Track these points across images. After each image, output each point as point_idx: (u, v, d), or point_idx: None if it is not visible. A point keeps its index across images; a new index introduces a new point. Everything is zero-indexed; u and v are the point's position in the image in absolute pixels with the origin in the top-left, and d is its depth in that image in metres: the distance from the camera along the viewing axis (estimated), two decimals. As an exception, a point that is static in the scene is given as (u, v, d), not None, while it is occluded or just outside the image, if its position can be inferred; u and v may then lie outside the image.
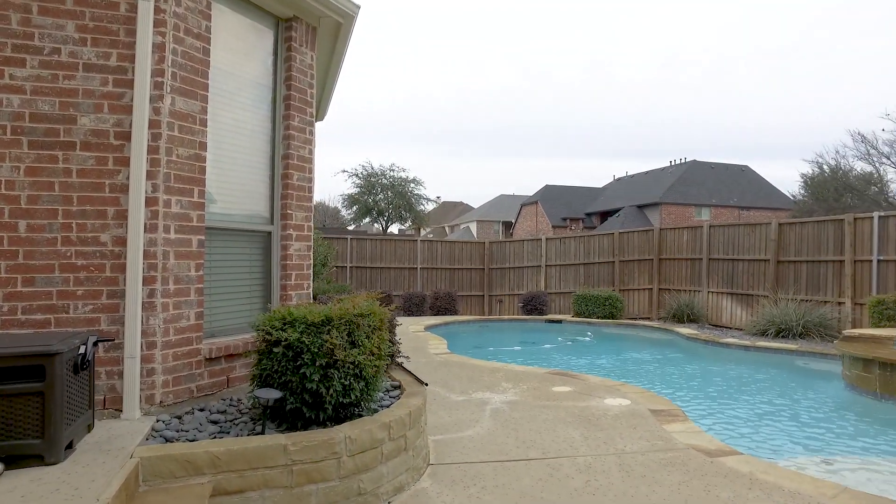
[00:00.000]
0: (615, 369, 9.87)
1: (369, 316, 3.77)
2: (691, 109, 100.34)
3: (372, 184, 40.54)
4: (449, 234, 70.15)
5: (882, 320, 10.45)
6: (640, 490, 3.72)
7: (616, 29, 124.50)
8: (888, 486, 4.52)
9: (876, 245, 11.65)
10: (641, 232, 17.14)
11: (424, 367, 8.05)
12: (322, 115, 8.27)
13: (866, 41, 75.22)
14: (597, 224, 50.18)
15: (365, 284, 17.69)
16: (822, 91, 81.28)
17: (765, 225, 14.02)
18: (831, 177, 31.94)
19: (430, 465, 4.13)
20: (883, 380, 6.95)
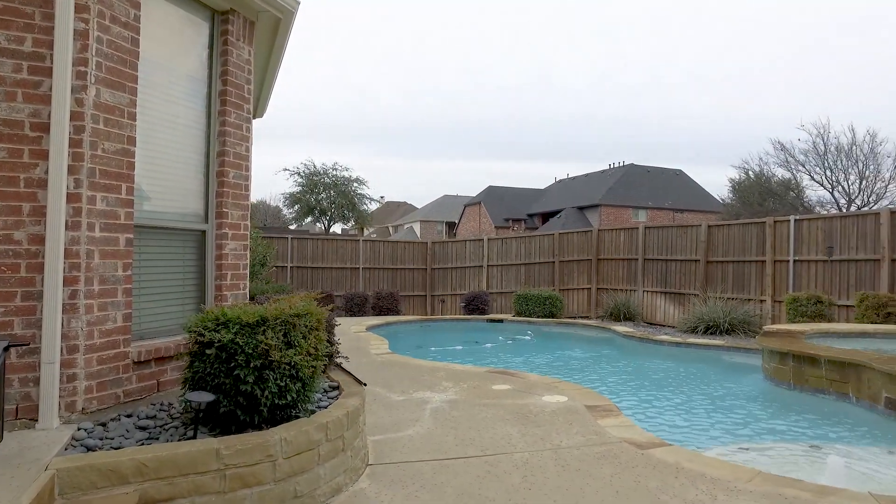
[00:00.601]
0: (554, 367, 10.11)
1: (306, 316, 3.72)
2: (629, 115, 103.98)
3: (314, 183, 39.87)
4: (392, 234, 69.86)
5: (797, 316, 11.17)
6: (575, 483, 3.83)
7: (558, 35, 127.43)
8: (797, 467, 4.84)
9: (792, 246, 12.44)
10: (580, 233, 17.63)
11: (365, 367, 7.99)
12: (261, 112, 8.07)
13: (787, 55, 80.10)
14: (538, 225, 51.20)
15: (306, 285, 17.39)
16: (748, 101, 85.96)
17: (695, 227, 14.70)
18: (756, 182, 33.80)
19: (368, 466, 4.11)
20: (796, 371, 7.43)
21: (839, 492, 3.69)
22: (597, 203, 45.66)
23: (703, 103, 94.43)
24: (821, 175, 30.51)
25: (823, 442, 5.76)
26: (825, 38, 73.70)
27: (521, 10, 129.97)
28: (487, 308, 16.96)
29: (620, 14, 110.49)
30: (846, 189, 29.95)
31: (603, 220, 44.12)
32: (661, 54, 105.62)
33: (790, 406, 7.10)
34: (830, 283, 11.81)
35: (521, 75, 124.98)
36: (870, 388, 6.51)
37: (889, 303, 10.11)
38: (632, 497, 3.61)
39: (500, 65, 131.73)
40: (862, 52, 65.63)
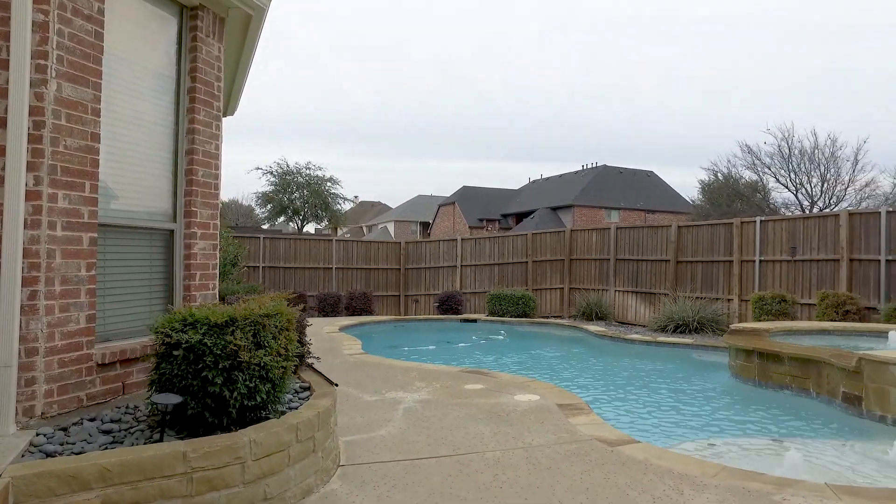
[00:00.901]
0: (527, 366, 10.18)
1: (276, 316, 3.68)
2: (602, 117, 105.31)
3: (287, 182, 39.43)
4: (366, 234, 69.51)
5: (762, 315, 11.46)
6: (546, 481, 3.87)
7: (532, 35, 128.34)
8: (761, 461, 4.97)
9: (758, 247, 12.76)
10: (553, 233, 17.79)
11: (338, 367, 7.94)
12: (232, 110, 7.96)
13: (754, 61, 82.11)
14: (512, 225, 51.51)
15: (278, 285, 17.20)
16: (718, 104, 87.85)
17: (666, 228, 14.96)
18: (724, 184, 34.53)
19: (340, 467, 4.09)
20: (761, 368, 7.62)
21: (798, 483, 3.81)
22: (570, 203, 46.15)
23: (674, 106, 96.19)
24: (785, 178, 31.35)
25: (785, 436, 5.92)
26: (789, 45, 75.73)
27: (495, 11, 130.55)
28: (461, 308, 16.99)
29: (593, 16, 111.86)
30: (809, 191, 30.82)
31: (576, 221, 44.59)
32: (633, 57, 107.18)
33: (755, 402, 7.27)
34: (794, 282, 12.14)
35: (495, 74, 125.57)
36: (828, 384, 6.71)
37: (847, 301, 10.44)
38: (601, 494, 3.66)
39: (474, 64, 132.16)
40: (824, 60, 67.62)
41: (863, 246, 11.07)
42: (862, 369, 6.14)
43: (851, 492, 3.71)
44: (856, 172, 29.44)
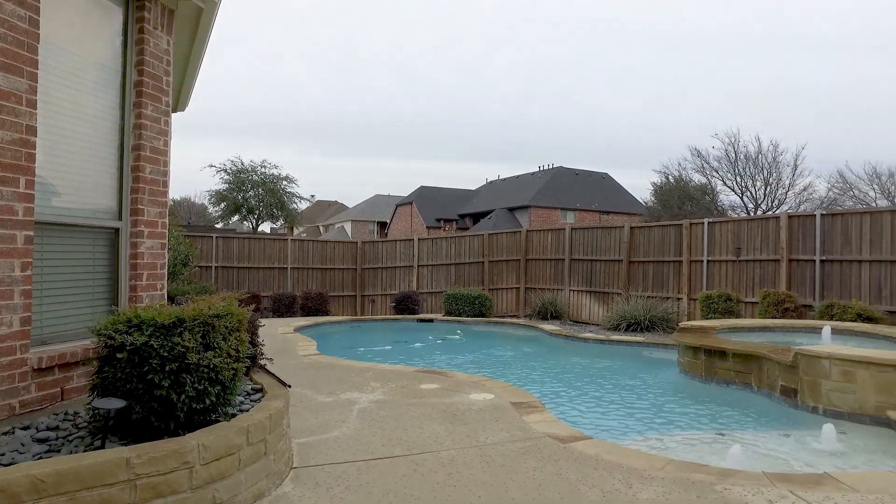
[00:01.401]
0: (483, 366, 10.26)
1: (226, 317, 3.60)
2: (557, 119, 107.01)
3: (242, 180, 38.52)
4: (323, 234, 68.67)
5: (710, 313, 11.88)
6: (499, 479, 3.91)
7: (489, 37, 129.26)
8: (706, 453, 5.17)
9: (706, 247, 13.22)
10: (509, 233, 17.98)
11: (292, 369, 7.83)
12: (183, 105, 7.73)
13: (705, 67, 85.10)
14: (470, 225, 51.80)
15: (231, 285, 16.81)
16: (670, 109, 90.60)
17: (619, 228, 15.33)
18: (675, 186, 35.62)
19: (292, 469, 4.03)
20: (707, 365, 7.91)
21: (738, 473, 3.99)
22: (527, 204, 46.72)
23: (628, 110, 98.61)
24: (732, 181, 32.60)
25: (729, 428, 6.16)
26: (736, 56, 78.83)
27: (451, 11, 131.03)
28: (418, 308, 16.99)
29: (549, 20, 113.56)
30: (753, 194, 32.13)
31: (533, 221, 45.17)
32: (589, 61, 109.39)
33: (702, 397, 7.54)
34: (739, 281, 12.64)
35: (452, 75, 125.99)
36: (768, 378, 7.02)
37: (786, 299, 10.94)
38: (553, 489, 3.73)
39: (433, 64, 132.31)
40: (767, 72, 70.65)
41: (800, 247, 11.62)
42: (797, 363, 6.45)
43: (785, 479, 3.91)
44: (795, 177, 30.92)
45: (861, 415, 5.90)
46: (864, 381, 5.92)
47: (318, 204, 79.48)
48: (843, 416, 5.98)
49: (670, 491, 3.69)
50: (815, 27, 69.32)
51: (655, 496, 3.62)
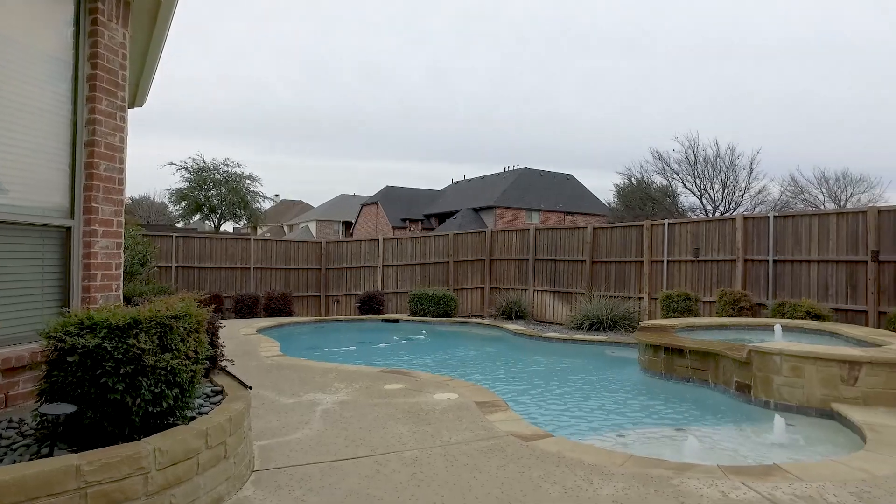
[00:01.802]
0: (447, 365, 10.29)
1: (185, 317, 3.52)
2: (523, 120, 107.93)
3: (203, 178, 37.67)
4: (288, 234, 67.72)
5: (669, 312, 12.17)
6: (462, 478, 3.93)
7: (455, 38, 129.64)
8: (665, 449, 5.30)
9: (666, 248, 13.54)
10: (475, 234, 18.07)
11: (254, 370, 7.70)
12: (141, 101, 7.53)
13: (665, 71, 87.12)
14: (435, 225, 51.82)
15: (192, 286, 16.42)
16: (633, 113, 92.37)
17: (582, 229, 15.57)
18: (638, 188, 36.37)
19: (254, 472, 3.97)
20: (667, 362, 8.10)
21: (694, 467, 4.11)
22: (492, 205, 46.99)
23: (592, 112, 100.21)
24: (691, 183, 33.45)
25: (687, 424, 6.33)
26: (694, 62, 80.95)
27: (418, 11, 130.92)
28: (382, 308, 16.91)
29: (516, 23, 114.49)
30: (712, 196, 33.04)
31: (498, 222, 45.47)
32: (554, 64, 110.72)
33: (661, 394, 7.72)
34: (697, 281, 12.98)
35: (419, 75, 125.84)
36: (724, 375, 7.24)
37: (742, 298, 11.29)
38: (516, 487, 3.77)
39: (399, 65, 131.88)
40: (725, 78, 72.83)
41: (755, 247, 12.01)
42: (751, 360, 6.67)
43: (737, 471, 4.05)
44: (751, 180, 31.94)
45: (808, 407, 6.14)
46: (810, 375, 6.16)
47: (282, 203, 78.34)
48: (793, 410, 6.21)
49: (629, 486, 3.77)
50: (768, 38, 71.85)
51: (615, 492, 3.69)
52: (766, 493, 3.67)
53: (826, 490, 3.74)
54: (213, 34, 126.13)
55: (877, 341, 7.26)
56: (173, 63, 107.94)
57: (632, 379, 8.75)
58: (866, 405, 5.88)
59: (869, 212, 10.47)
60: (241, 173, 38.66)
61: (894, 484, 3.88)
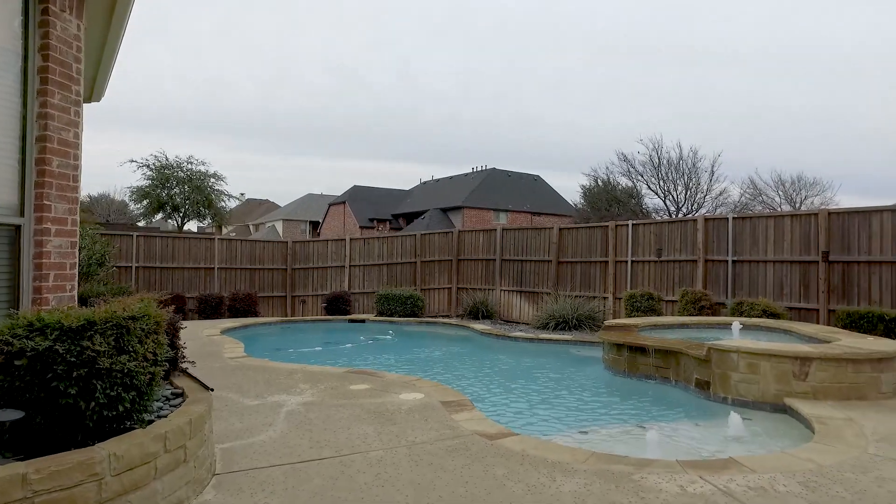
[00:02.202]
0: (414, 365, 10.28)
1: (143, 318, 3.43)
2: (491, 121, 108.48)
3: (166, 177, 36.70)
4: (254, 233, 66.66)
5: (633, 311, 12.40)
6: (427, 477, 3.93)
7: (422, 38, 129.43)
8: (627, 445, 5.39)
9: (630, 248, 13.80)
10: (442, 234, 18.10)
11: (217, 372, 7.56)
12: (98, 95, 7.32)
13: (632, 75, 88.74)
14: (403, 226, 51.70)
15: (154, 286, 16.02)
16: (599, 114, 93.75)
17: (548, 230, 15.74)
18: (603, 189, 36.94)
19: (215, 476, 3.90)
20: (630, 360, 8.26)
21: (654, 462, 4.20)
22: (460, 205, 47.12)
23: (560, 113, 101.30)
24: (656, 185, 34.15)
25: (649, 421, 6.46)
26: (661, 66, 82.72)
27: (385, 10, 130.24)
28: (349, 308, 16.80)
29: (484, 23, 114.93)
30: (675, 198, 33.79)
31: (466, 222, 45.62)
32: (522, 65, 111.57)
33: (624, 391, 7.86)
34: (660, 280, 13.27)
35: (387, 75, 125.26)
36: (685, 372, 7.42)
37: (703, 298, 11.59)
38: (480, 485, 3.79)
39: (368, 64, 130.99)
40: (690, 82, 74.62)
41: (715, 248, 12.34)
42: (710, 358, 6.85)
43: (695, 465, 4.16)
44: (712, 182, 32.76)
45: (763, 402, 6.34)
46: (765, 372, 6.37)
47: (247, 203, 77.05)
48: (749, 405, 6.40)
49: (592, 482, 3.83)
50: (730, 45, 73.95)
51: (577, 488, 3.74)
52: (721, 485, 3.78)
53: (777, 481, 3.88)
54: (176, 29, 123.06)
55: (826, 338, 7.54)
56: (135, 57, 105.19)
57: (596, 377, 8.89)
58: (816, 399, 6.11)
59: (820, 214, 10.87)
60: (205, 171, 37.83)
61: (837, 473, 4.06)
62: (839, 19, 67.55)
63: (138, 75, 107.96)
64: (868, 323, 9.02)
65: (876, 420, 5.43)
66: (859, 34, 64.95)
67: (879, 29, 58.90)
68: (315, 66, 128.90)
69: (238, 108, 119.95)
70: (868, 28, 62.07)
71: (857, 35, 65.08)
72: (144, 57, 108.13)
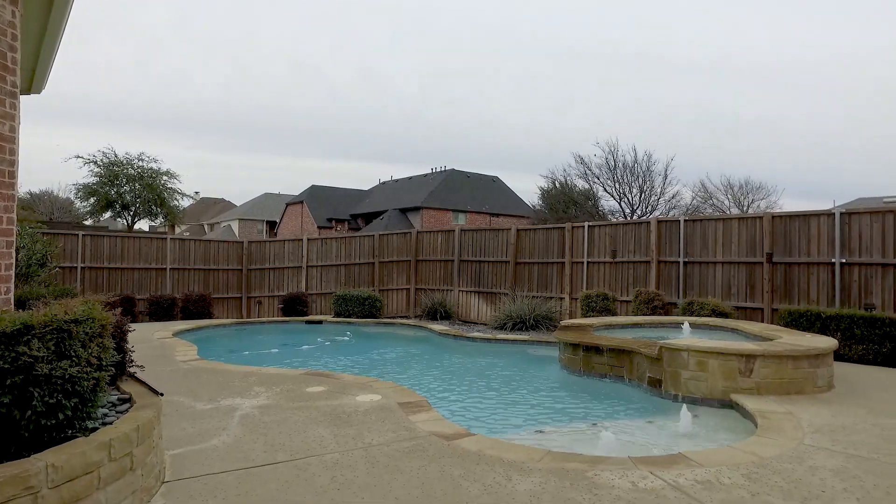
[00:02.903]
0: (372, 367, 10.22)
1: (87, 321, 3.29)
2: (452, 122, 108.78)
3: (115, 174, 35.35)
4: (209, 233, 65.00)
5: (589, 311, 12.64)
6: (383, 479, 3.92)
7: (386, 41, 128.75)
8: (582, 443, 5.50)
9: (586, 249, 14.06)
10: (400, 234, 18.05)
11: (168, 376, 7.34)
12: (38, 87, 7.01)
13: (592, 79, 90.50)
14: (362, 226, 51.32)
15: (101, 287, 15.42)
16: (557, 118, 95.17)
17: (506, 231, 15.90)
18: (561, 191, 37.54)
19: (164, 483, 3.78)
20: (585, 360, 8.42)
21: (607, 459, 4.30)
22: (419, 205, 47.08)
23: (519, 116, 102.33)
24: (612, 187, 34.92)
25: (603, 419, 6.60)
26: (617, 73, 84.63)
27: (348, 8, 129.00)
28: (306, 309, 16.58)
29: (445, 25, 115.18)
30: (630, 200, 34.63)
31: (425, 223, 45.61)
32: (484, 67, 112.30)
33: (580, 390, 8.01)
34: (615, 281, 13.57)
35: (348, 74, 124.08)
36: (638, 371, 7.61)
37: (655, 298, 11.91)
38: (436, 486, 3.79)
39: (328, 62, 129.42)
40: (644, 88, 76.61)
41: (667, 249, 12.71)
42: (662, 356, 7.05)
43: (646, 461, 4.28)
44: (665, 185, 33.74)
45: (712, 399, 6.57)
46: (713, 369, 6.60)
47: (202, 201, 75.08)
48: (698, 402, 6.62)
49: (547, 480, 3.89)
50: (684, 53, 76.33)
51: (533, 486, 3.80)
52: (670, 480, 3.90)
53: (722, 473, 4.03)
54: (130, 20, 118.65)
55: (769, 336, 7.86)
56: (83, 48, 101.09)
57: (552, 377, 9.02)
58: (759, 394, 6.37)
59: (765, 217, 11.33)
60: (157, 169, 36.64)
61: (777, 464, 4.27)
62: (783, 33, 70.67)
63: (88, 69, 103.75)
64: (807, 321, 9.45)
65: (812, 412, 5.72)
66: (795, 46, 68.18)
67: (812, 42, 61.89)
68: (276, 63, 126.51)
69: (195, 105, 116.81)
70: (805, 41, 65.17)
71: (799, 47, 68.23)
72: (96, 49, 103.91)
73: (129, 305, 14.50)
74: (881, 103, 64.38)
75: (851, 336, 9.00)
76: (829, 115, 64.35)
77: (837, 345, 7.25)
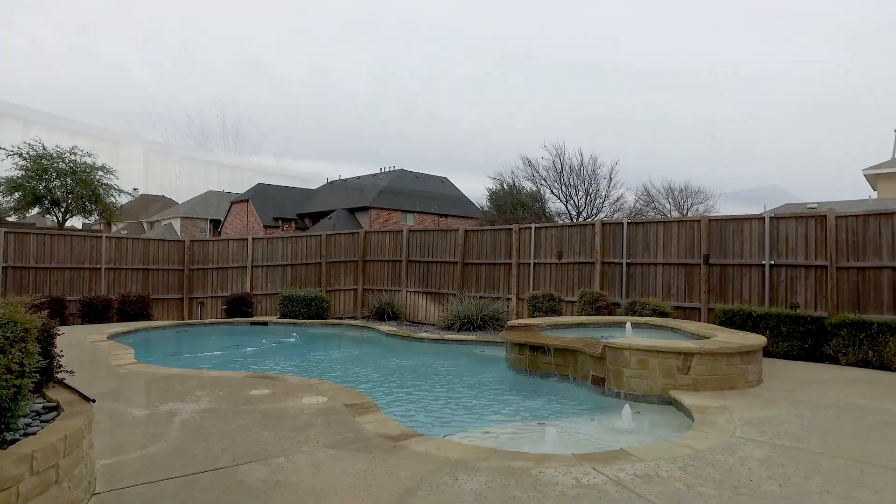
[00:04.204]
0: (318, 368, 10.06)
1: (8, 325, 3.11)
2: (401, 123, 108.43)
3: (44, 167, 33.44)
4: (148, 231, 62.44)
5: (535, 311, 12.85)
6: (329, 483, 3.86)
7: (335, 38, 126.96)
8: (527, 442, 5.58)
9: (532, 250, 14.30)
10: (348, 234, 17.86)
11: (102, 381, 7.02)
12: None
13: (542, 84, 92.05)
14: (309, 225, 50.50)
15: (27, 289, 14.56)
16: (506, 120, 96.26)
17: (454, 231, 15.97)
18: (509, 193, 38.02)
19: (94, 495, 3.61)
20: (531, 359, 8.55)
21: (552, 457, 4.39)
22: (367, 205, 46.72)
23: (470, 118, 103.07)
24: (558, 190, 35.63)
25: (548, 417, 6.73)
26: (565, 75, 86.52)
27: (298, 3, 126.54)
28: (251, 310, 16.17)
29: (396, 24, 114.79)
30: (576, 203, 35.43)
31: (373, 223, 45.30)
32: (435, 68, 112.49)
33: (526, 390, 8.13)
34: (561, 282, 13.85)
35: (297, 70, 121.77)
36: (582, 369, 7.79)
37: (600, 298, 12.23)
38: (383, 488, 3.77)
39: (276, 57, 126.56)
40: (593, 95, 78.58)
41: (611, 251, 13.07)
42: (605, 355, 7.25)
43: (589, 458, 4.39)
44: (610, 188, 34.69)
45: (652, 396, 6.80)
46: (654, 367, 6.83)
47: (142, 198, 72.02)
48: (640, 399, 6.84)
49: (493, 479, 3.93)
50: (630, 62, 78.76)
51: (479, 485, 3.82)
52: (612, 475, 4.01)
53: (660, 467, 4.18)
54: (56, 7, 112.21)
55: (706, 334, 8.21)
56: (5, 32, 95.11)
57: (499, 376, 9.12)
58: (696, 390, 6.64)
59: (702, 220, 11.82)
60: (91, 164, 34.89)
61: (710, 456, 4.49)
62: (725, 46, 73.89)
63: (15, 55, 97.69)
64: (739, 320, 9.92)
65: (742, 406, 6.02)
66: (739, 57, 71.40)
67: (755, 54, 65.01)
68: (222, 59, 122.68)
69: (133, 97, 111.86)
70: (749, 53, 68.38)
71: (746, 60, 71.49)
72: (23, 35, 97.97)
73: (58, 307, 13.76)
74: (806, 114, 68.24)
75: (779, 333, 9.51)
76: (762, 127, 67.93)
77: (766, 342, 7.65)
